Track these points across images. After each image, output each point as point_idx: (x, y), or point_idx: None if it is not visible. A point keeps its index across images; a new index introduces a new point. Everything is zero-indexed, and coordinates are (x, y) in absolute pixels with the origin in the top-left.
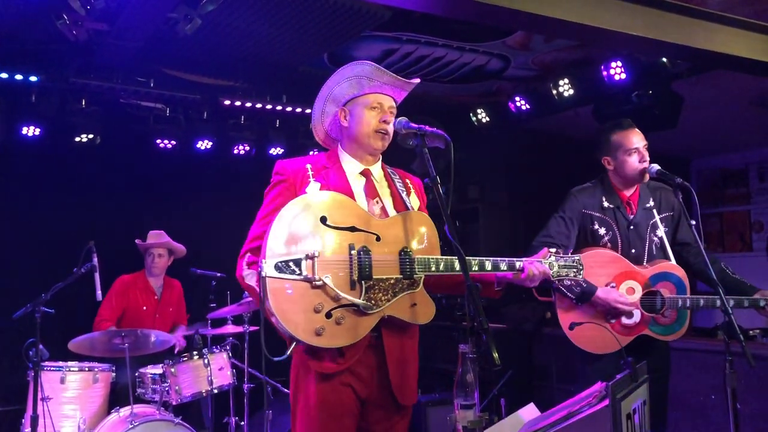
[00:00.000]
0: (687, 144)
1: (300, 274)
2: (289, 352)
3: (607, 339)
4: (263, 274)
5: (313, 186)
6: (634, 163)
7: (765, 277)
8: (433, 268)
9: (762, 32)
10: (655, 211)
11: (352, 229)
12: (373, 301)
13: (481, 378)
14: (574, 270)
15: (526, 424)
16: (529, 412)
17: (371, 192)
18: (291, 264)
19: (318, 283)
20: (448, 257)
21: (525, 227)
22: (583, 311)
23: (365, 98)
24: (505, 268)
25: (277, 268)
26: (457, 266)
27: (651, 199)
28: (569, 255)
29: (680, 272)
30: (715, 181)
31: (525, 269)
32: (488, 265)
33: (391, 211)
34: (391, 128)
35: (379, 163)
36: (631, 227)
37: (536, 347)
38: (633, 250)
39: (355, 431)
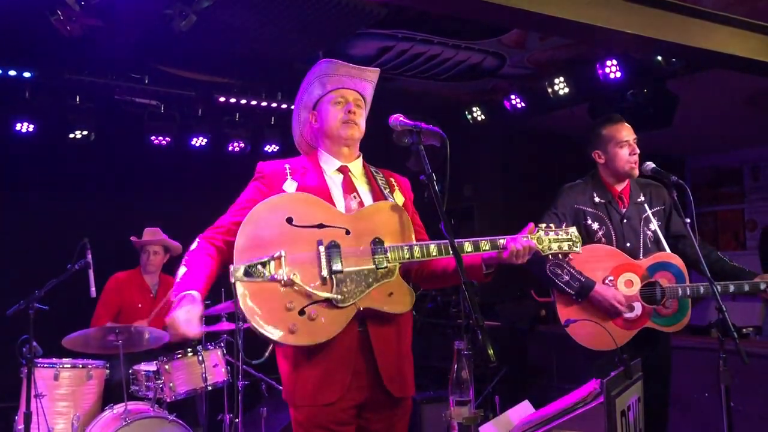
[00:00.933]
0: (682, 143)
1: (268, 276)
2: (267, 354)
3: (608, 336)
4: (233, 279)
5: (290, 183)
6: (624, 155)
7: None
8: (408, 255)
9: (757, 31)
10: (646, 205)
11: (320, 226)
12: (346, 294)
13: (476, 375)
14: (569, 242)
15: (521, 422)
16: (524, 409)
17: (348, 187)
18: (259, 266)
19: (287, 281)
20: (424, 243)
21: (520, 225)
22: (583, 308)
23: (328, 95)
24: (487, 247)
25: (246, 272)
26: (434, 251)
27: (641, 195)
28: (562, 227)
29: (678, 262)
30: (709, 180)
31: (507, 246)
32: (468, 246)
33: None
34: (361, 120)
35: (359, 160)
36: (624, 221)
37: (531, 345)
38: (628, 244)
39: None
